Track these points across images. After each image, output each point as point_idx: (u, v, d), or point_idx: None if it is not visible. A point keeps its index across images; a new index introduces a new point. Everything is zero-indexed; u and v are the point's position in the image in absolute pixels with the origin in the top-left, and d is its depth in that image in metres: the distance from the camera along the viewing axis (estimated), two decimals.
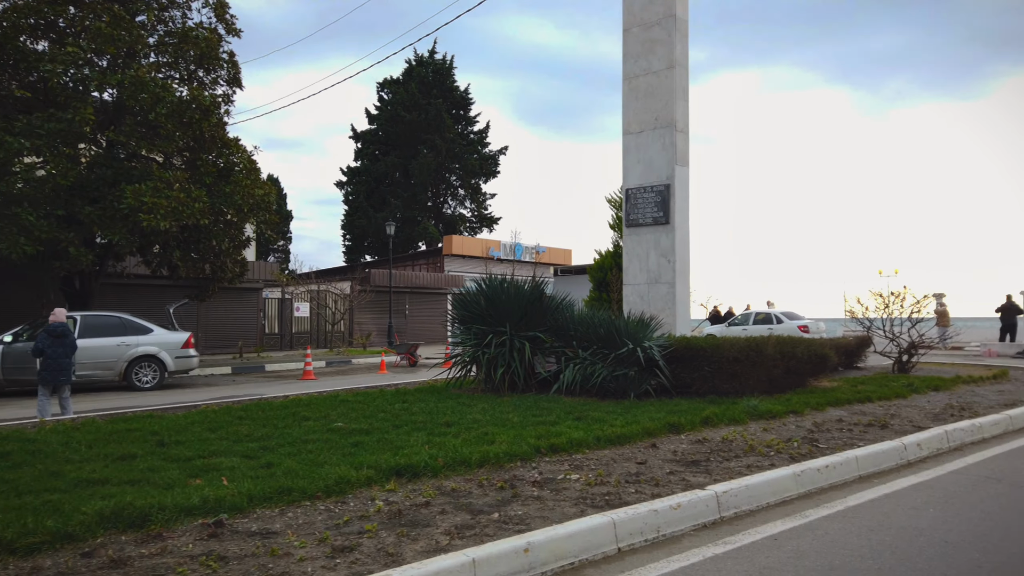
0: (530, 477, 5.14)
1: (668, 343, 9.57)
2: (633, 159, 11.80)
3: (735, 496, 4.81)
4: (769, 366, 9.62)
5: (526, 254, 38.88)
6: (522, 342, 9.97)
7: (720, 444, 6.49)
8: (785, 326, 23.56)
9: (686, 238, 11.57)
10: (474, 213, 49.96)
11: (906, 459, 6.44)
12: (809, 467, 5.52)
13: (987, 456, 6.74)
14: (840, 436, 6.93)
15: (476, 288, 10.76)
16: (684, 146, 11.55)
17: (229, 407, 8.66)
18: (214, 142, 16.67)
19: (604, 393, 9.28)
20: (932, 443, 6.88)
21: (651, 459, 5.85)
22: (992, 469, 6.17)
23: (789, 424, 7.58)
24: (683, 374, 9.54)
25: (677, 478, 5.21)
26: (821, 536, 4.34)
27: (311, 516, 4.22)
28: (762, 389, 9.58)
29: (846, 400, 9.23)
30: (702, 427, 7.26)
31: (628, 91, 11.90)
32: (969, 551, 4.04)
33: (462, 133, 49.17)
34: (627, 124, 11.93)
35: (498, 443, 5.98)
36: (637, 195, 11.70)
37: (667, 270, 11.35)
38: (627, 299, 11.83)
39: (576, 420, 7.31)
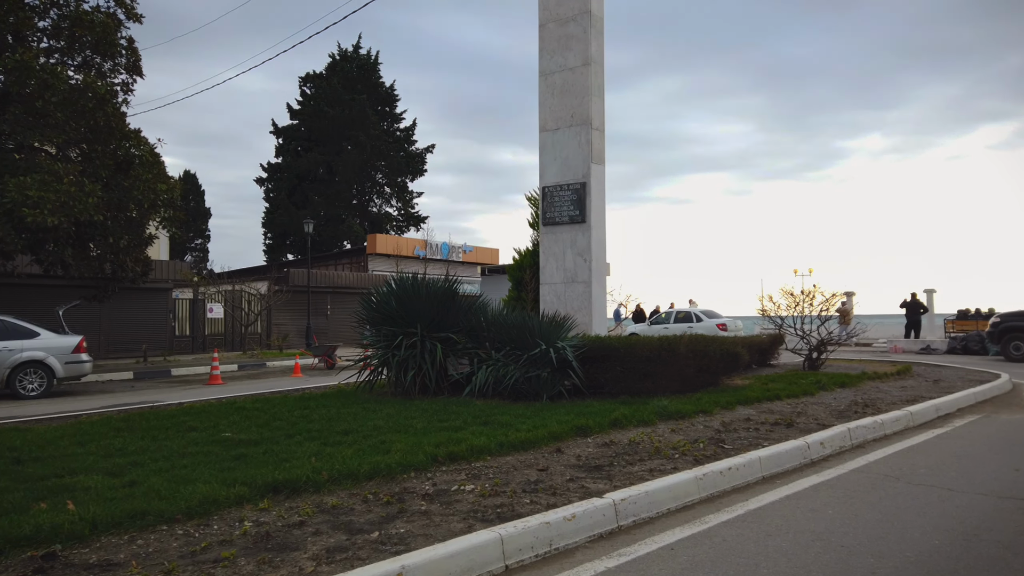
0: (422, 489, 4.82)
1: (582, 343, 9.40)
2: (550, 156, 11.62)
3: (634, 503, 4.61)
4: (682, 365, 9.58)
5: (453, 253, 38.48)
6: (434, 344, 9.62)
7: (627, 447, 6.32)
8: (704, 324, 23.99)
9: (602, 237, 11.47)
10: (400, 212, 49.19)
11: (809, 458, 6.42)
12: (712, 470, 5.39)
13: (888, 453, 6.80)
14: (747, 436, 6.88)
15: (387, 288, 10.35)
16: (600, 144, 11.44)
17: (110, 417, 8.00)
18: (112, 133, 15.64)
19: (517, 395, 9.03)
20: (835, 441, 6.90)
21: (554, 465, 5.61)
22: (892, 467, 6.20)
23: (698, 424, 7.50)
24: (597, 374, 9.40)
25: (577, 485, 4.98)
26: (718, 544, 4.18)
27: (165, 543, 3.77)
28: (675, 388, 9.53)
29: (756, 399, 9.26)
30: (611, 429, 7.09)
31: (544, 88, 11.72)
32: (864, 556, 3.94)
33: (388, 130, 48.34)
34: (544, 121, 11.75)
35: (393, 452, 5.63)
36: (554, 193, 11.52)
37: (583, 269, 11.22)
38: (544, 299, 11.64)
39: (483, 425, 7.03)
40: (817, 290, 13.44)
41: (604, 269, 11.50)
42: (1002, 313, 19.18)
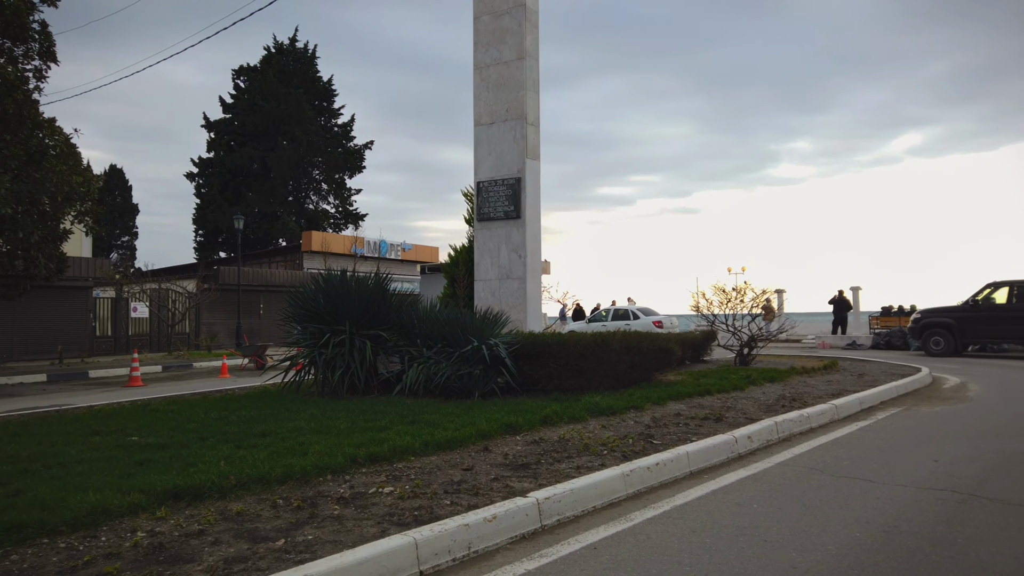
0: (337, 493, 4.57)
1: (515, 340, 9.26)
2: (484, 151, 11.45)
3: (558, 502, 4.47)
4: (615, 362, 9.54)
5: (392, 252, 37.93)
6: (363, 341, 9.33)
7: (556, 444, 6.19)
8: (641, 322, 24.24)
9: (537, 233, 11.37)
10: (338, 209, 48.26)
11: (737, 452, 6.42)
12: (639, 466, 5.31)
13: (813, 446, 6.87)
14: (676, 431, 6.85)
15: (314, 285, 10.00)
16: (535, 139, 11.33)
17: (7, 422, 7.45)
18: (23, 122, 14.72)
19: (449, 393, 8.83)
20: (763, 435, 6.93)
21: (479, 465, 5.43)
22: (817, 460, 6.25)
23: (628, 420, 7.44)
24: (530, 371, 9.27)
25: (501, 485, 4.82)
26: (643, 541, 4.08)
27: (43, 558, 3.44)
28: (608, 385, 9.49)
29: (687, 394, 9.29)
30: (541, 427, 6.96)
31: (479, 81, 11.54)
32: (787, 550, 3.90)
33: (325, 125, 47.36)
34: (478, 115, 11.57)
35: (310, 454, 5.36)
36: (489, 188, 11.35)
37: (518, 265, 11.09)
38: (478, 295, 11.47)
39: (409, 424, 6.80)
40: (748, 287, 13.68)
41: (539, 266, 11.40)
42: (923, 310, 19.95)
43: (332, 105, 47.78)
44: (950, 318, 18.67)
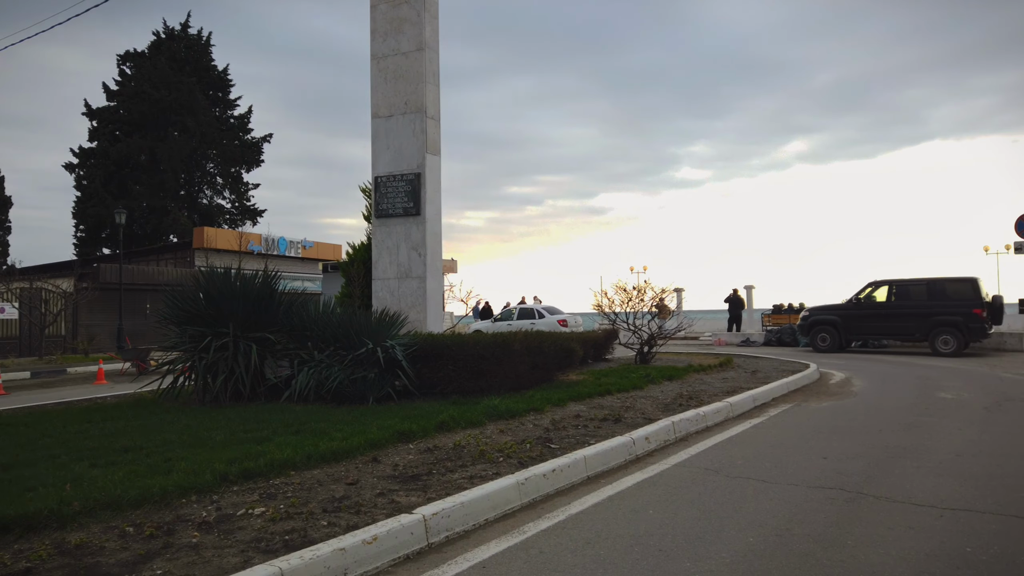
0: (200, 516, 4.11)
1: (413, 342, 8.91)
2: (383, 145, 11.01)
3: (447, 517, 4.18)
4: (515, 363, 9.35)
5: (292, 249, 36.54)
6: (249, 344, 8.73)
7: (450, 452, 5.90)
8: (546, 321, 24.29)
9: (438, 231, 11.03)
10: (234, 204, 46.09)
11: (635, 454, 6.33)
12: (535, 473, 5.09)
13: (709, 446, 6.87)
14: (575, 434, 6.70)
15: (194, 283, 9.29)
16: (435, 134, 10.99)
17: None
18: None
19: (341, 399, 8.38)
20: (660, 436, 6.88)
21: (366, 478, 5.07)
22: (712, 460, 6.24)
23: (528, 424, 7.24)
24: (429, 374, 8.94)
25: (387, 500, 4.48)
26: (535, 557, 3.84)
27: None
28: (509, 386, 9.28)
29: (588, 394, 9.21)
30: (436, 433, 6.65)
31: (376, 72, 11.09)
32: (682, 560, 3.76)
33: (220, 116, 45.12)
34: (376, 107, 11.12)
35: (176, 472, 4.84)
36: (387, 184, 10.93)
37: (418, 264, 10.72)
38: (376, 295, 11.02)
39: (294, 434, 6.34)
40: (648, 286, 13.83)
41: (440, 264, 11.08)
42: (810, 308, 20.91)
43: (228, 95, 45.58)
44: (835, 316, 19.62)
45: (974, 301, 17.69)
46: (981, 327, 17.66)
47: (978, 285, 18.02)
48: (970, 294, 17.85)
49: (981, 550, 3.80)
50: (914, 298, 18.56)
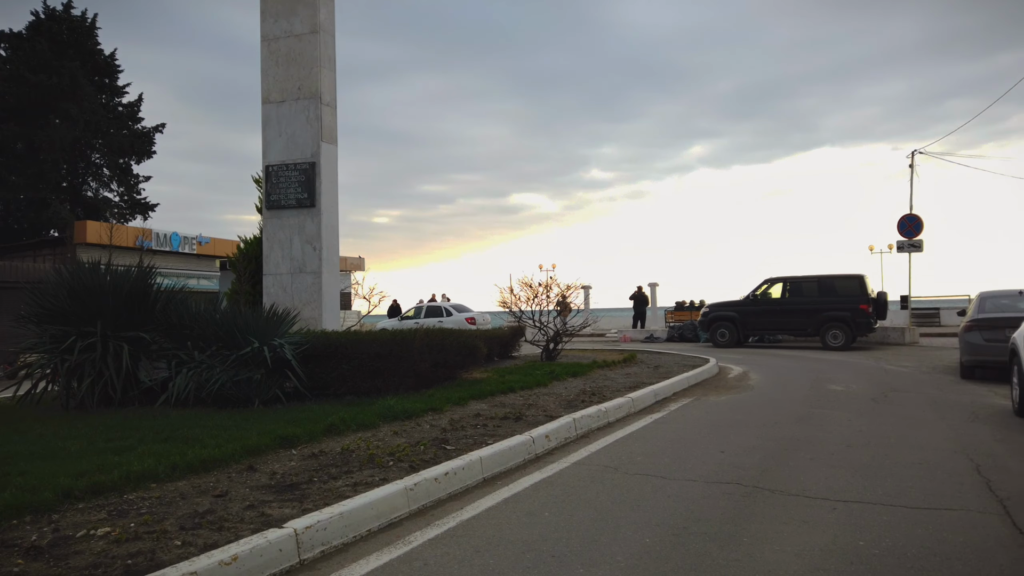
0: (29, 540, 3.56)
1: (304, 340, 8.38)
2: (274, 132, 10.39)
3: (323, 529, 3.80)
4: (416, 361, 8.98)
5: (185, 245, 34.62)
6: (120, 345, 7.98)
7: (337, 457, 5.49)
8: (454, 318, 23.98)
9: (335, 223, 10.51)
10: (123, 198, 43.29)
11: (534, 453, 6.10)
12: (427, 477, 4.76)
13: (610, 442, 6.74)
14: (474, 433, 6.41)
15: (57, 278, 8.43)
16: (332, 122, 10.46)
17: None
18: None
19: (225, 402, 7.77)
20: (561, 433, 6.69)
21: (237, 488, 4.60)
22: (612, 457, 6.09)
23: (424, 424, 6.90)
24: (322, 374, 8.44)
25: (256, 513, 4.04)
26: (418, 569, 3.52)
27: None
28: (409, 386, 8.91)
29: (490, 392, 8.95)
30: (324, 437, 6.21)
31: (267, 55, 10.44)
32: (575, 566, 3.53)
33: (107, 104, 42.26)
34: (267, 92, 10.47)
35: (10, 489, 4.23)
36: (279, 173, 10.31)
37: (313, 258, 10.17)
38: (268, 291, 10.39)
39: (163, 442, 5.75)
40: (553, 282, 13.73)
41: (336, 259, 10.55)
42: (710, 304, 21.46)
43: (115, 82, 42.72)
44: (733, 311, 20.21)
45: (861, 297, 18.59)
46: (867, 322, 18.58)
47: (864, 282, 18.95)
48: (857, 291, 18.74)
49: (873, 543, 3.76)
50: (806, 294, 19.34)
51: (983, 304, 11.82)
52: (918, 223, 21.51)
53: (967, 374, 11.48)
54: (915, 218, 21.61)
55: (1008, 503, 4.45)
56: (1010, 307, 11.38)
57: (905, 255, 22.01)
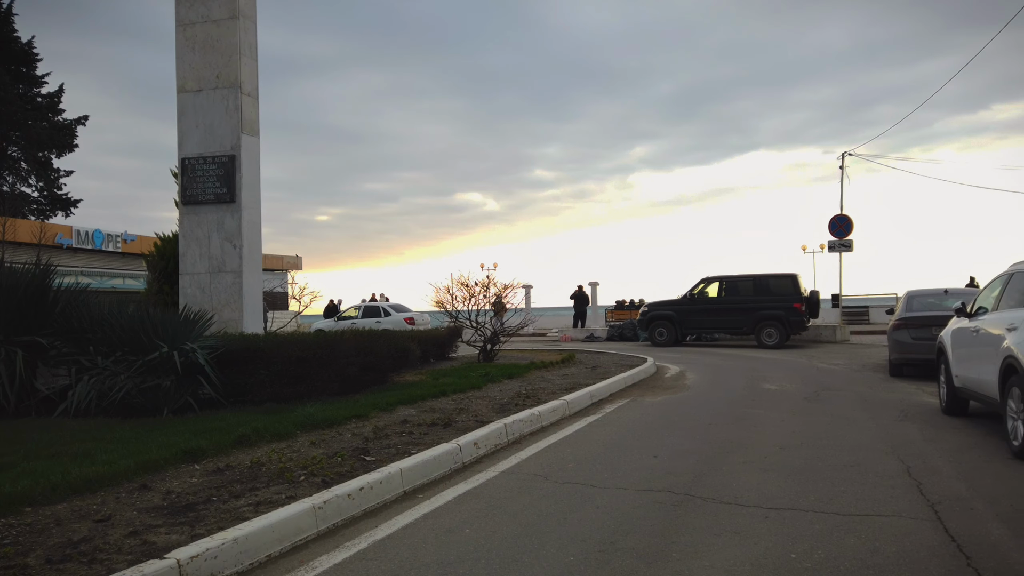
0: None
1: (219, 344, 7.87)
2: (191, 122, 9.80)
3: (214, 558, 3.41)
4: (343, 364, 8.57)
5: (109, 243, 33.06)
6: (13, 350, 7.33)
7: (245, 472, 5.07)
8: (392, 319, 23.47)
9: (257, 220, 9.98)
10: (43, 193, 41.13)
11: (461, 462, 5.79)
12: (339, 493, 4.40)
13: (542, 448, 6.49)
14: (398, 442, 6.06)
15: None
16: (253, 113, 9.92)
17: None
18: None
19: (131, 411, 7.21)
20: (491, 440, 6.40)
21: (124, 511, 4.15)
22: (543, 464, 5.83)
23: (347, 433, 6.51)
24: (240, 380, 7.94)
25: (138, 541, 3.62)
26: None
27: None
28: (336, 390, 8.49)
29: (421, 396, 8.59)
30: (233, 449, 5.76)
31: (183, 40, 9.84)
32: None
33: (25, 95, 40.05)
34: (183, 81, 9.87)
35: None
36: (196, 166, 9.72)
37: (233, 257, 9.62)
38: (184, 292, 9.79)
39: (49, 458, 5.22)
40: (491, 281, 13.44)
41: (259, 257, 10.02)
42: (649, 303, 21.54)
43: (34, 71, 40.50)
44: (671, 311, 20.31)
45: (794, 296, 18.90)
46: (801, 320, 18.90)
47: (798, 281, 19.28)
48: (791, 290, 19.05)
49: (806, 555, 3.58)
50: (742, 293, 19.57)
51: (911, 303, 12.06)
52: (848, 223, 22.05)
53: (896, 372, 11.68)
54: (845, 218, 22.15)
55: (939, 508, 4.36)
56: (936, 306, 11.62)
57: (836, 254, 22.54)
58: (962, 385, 7.36)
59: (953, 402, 7.70)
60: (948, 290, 12.24)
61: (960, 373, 7.38)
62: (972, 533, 3.87)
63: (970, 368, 7.02)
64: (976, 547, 3.65)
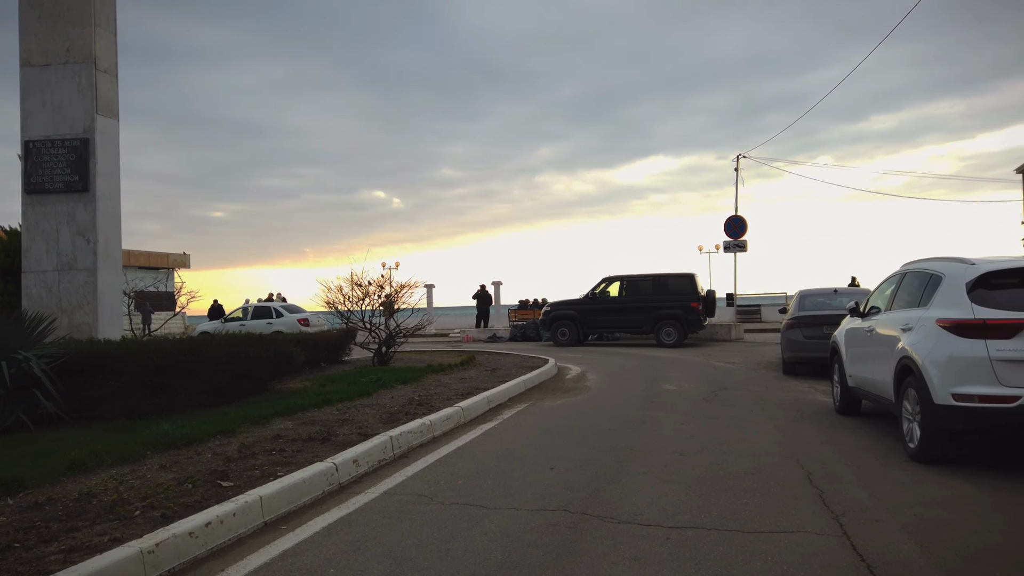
0: None
1: (61, 352, 6.88)
2: (37, 101, 8.65)
3: None
4: (213, 372, 7.73)
5: None
6: None
7: (70, 506, 4.26)
8: (285, 320, 22.36)
9: (116, 212, 8.93)
10: None
11: (338, 482, 5.16)
12: (177, 532, 3.70)
13: (431, 461, 5.95)
14: (266, 462, 5.36)
15: None
16: (112, 92, 8.87)
17: None
18: None
19: None
20: (374, 455, 5.79)
21: None
22: (429, 482, 5.29)
23: (206, 453, 5.74)
24: (87, 393, 6.98)
25: None
26: None
27: None
28: (204, 402, 7.66)
29: (303, 406, 7.87)
30: (64, 477, 4.90)
31: (27, 8, 8.68)
32: None
33: None
34: (27, 54, 8.71)
35: None
36: (42, 150, 8.59)
37: (86, 253, 8.55)
38: (28, 292, 8.63)
39: None
40: (386, 280, 12.75)
41: (118, 253, 8.97)
42: (552, 303, 21.34)
43: None
44: (574, 310, 20.19)
45: (692, 295, 19.15)
46: (698, 319, 19.17)
47: (695, 280, 19.56)
48: (688, 289, 19.29)
49: None
50: (642, 292, 19.67)
51: (803, 302, 12.27)
52: (743, 224, 22.64)
53: (789, 370, 11.84)
54: (740, 219, 22.74)
55: (844, 521, 4.12)
56: (826, 304, 11.87)
57: (731, 254, 23.11)
58: (856, 385, 7.36)
59: (847, 402, 7.71)
60: (837, 289, 12.56)
61: (854, 373, 7.37)
62: (880, 550, 3.63)
63: (864, 368, 7.00)
64: (887, 566, 3.40)
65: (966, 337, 5.15)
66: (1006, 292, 5.24)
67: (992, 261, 5.56)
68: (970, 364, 5.08)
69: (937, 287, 5.76)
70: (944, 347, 5.28)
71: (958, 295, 5.40)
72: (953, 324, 5.27)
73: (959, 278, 5.49)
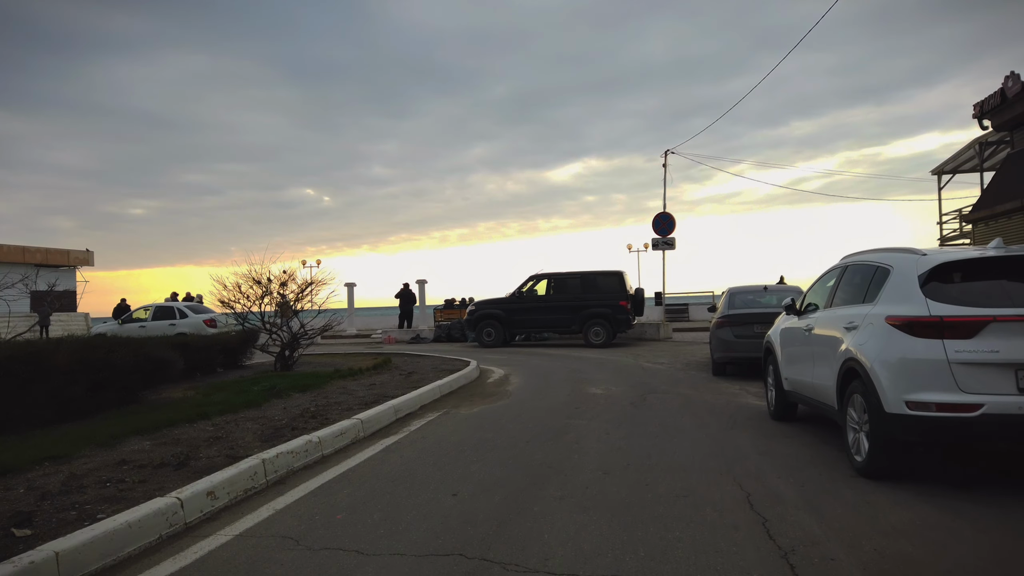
0: None
1: None
2: None
3: None
4: (60, 383, 6.54)
5: None
6: None
7: None
8: (190, 321, 20.75)
9: None
10: None
11: (182, 523, 4.15)
12: None
13: (311, 489, 4.99)
14: (93, 498, 4.30)
15: None
16: None
17: None
18: None
19: None
20: (237, 484, 4.79)
21: None
22: (302, 516, 4.33)
23: (20, 485, 4.61)
24: None
25: None
26: None
27: None
28: (50, 417, 6.46)
29: (171, 421, 6.75)
30: None
31: None
32: None
33: None
34: None
35: None
36: None
37: None
38: None
39: None
40: (289, 277, 11.61)
41: None
42: (477, 302, 20.48)
43: None
44: (500, 309, 19.38)
45: (620, 294, 18.61)
46: (627, 318, 18.64)
47: (624, 279, 19.03)
48: (617, 287, 18.75)
49: None
50: (570, 291, 19.02)
51: (732, 300, 11.79)
52: (671, 221, 22.30)
53: (719, 371, 11.32)
54: (668, 216, 22.39)
55: (795, 560, 3.39)
56: (756, 302, 11.40)
57: (659, 252, 22.75)
58: (792, 389, 6.76)
59: (782, 407, 7.12)
60: (768, 287, 12.13)
61: (790, 376, 6.77)
62: None
63: (802, 371, 6.39)
64: None
65: (921, 336, 4.53)
66: (963, 286, 4.65)
67: (945, 252, 5.00)
68: (925, 367, 4.46)
69: (885, 281, 5.15)
70: (895, 348, 4.65)
71: (909, 289, 4.79)
72: (905, 322, 4.65)
73: (910, 270, 4.88)
